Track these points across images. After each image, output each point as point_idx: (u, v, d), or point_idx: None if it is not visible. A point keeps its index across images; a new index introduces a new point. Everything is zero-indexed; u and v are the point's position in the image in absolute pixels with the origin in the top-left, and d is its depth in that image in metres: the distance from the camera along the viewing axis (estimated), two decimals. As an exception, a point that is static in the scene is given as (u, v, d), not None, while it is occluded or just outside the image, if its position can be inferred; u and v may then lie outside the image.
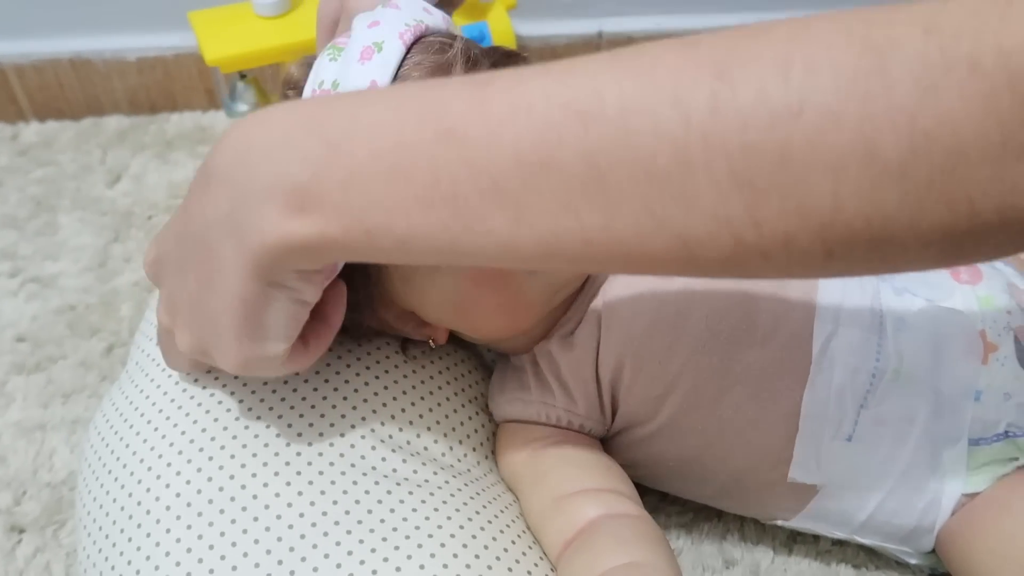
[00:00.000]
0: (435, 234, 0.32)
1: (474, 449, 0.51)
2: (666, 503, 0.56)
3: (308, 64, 0.48)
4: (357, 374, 0.49)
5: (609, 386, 0.48)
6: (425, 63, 0.44)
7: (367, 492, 0.43)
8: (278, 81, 0.90)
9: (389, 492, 0.44)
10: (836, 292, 0.48)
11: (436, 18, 0.47)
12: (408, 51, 0.44)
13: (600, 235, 0.30)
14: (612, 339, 0.48)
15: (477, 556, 0.42)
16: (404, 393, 0.49)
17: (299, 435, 0.45)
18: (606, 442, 0.52)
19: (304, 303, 0.38)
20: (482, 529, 0.43)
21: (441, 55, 0.44)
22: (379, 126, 0.32)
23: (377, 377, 0.49)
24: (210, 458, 0.44)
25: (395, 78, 0.43)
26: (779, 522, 0.52)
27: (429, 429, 0.49)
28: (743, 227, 0.28)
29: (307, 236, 0.33)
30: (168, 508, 0.43)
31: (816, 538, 0.55)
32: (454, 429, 0.50)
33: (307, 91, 0.46)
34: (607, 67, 0.30)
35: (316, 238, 0.33)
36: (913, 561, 0.52)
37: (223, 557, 0.41)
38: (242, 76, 0.80)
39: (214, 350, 0.38)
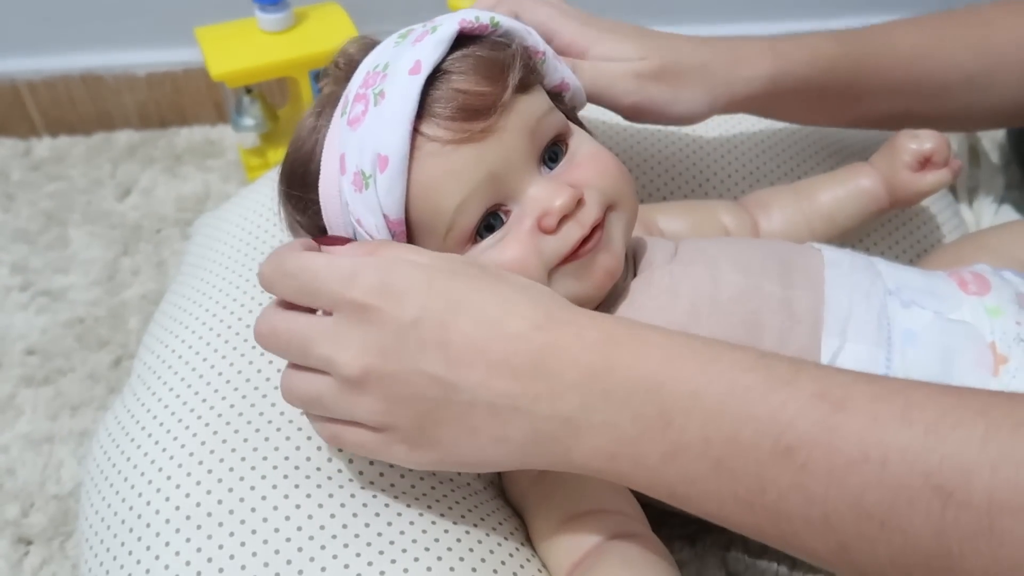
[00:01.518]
0: (743, 526, 0.33)
1: (474, 461, 0.51)
2: (668, 515, 0.55)
3: (368, 45, 0.47)
4: (355, 387, 0.49)
5: None
6: (474, 55, 0.43)
7: (365, 505, 0.44)
8: (284, 95, 0.91)
9: (387, 505, 0.44)
10: (843, 306, 0.47)
11: (533, 37, 0.46)
12: (463, 40, 0.43)
13: None
14: None
15: (474, 569, 0.42)
16: (403, 406, 0.49)
17: (297, 448, 0.46)
18: None
19: None
20: (479, 542, 0.43)
21: (496, 52, 0.44)
22: (717, 418, 0.32)
23: (376, 390, 0.49)
24: (209, 471, 0.45)
25: (442, 62, 0.42)
26: None
27: (428, 442, 0.49)
28: None
29: (602, 471, 0.35)
30: (168, 521, 0.43)
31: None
32: (453, 441, 0.50)
33: (359, 72, 0.45)
34: (980, 439, 0.28)
35: (609, 474, 0.35)
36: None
37: (221, 570, 0.41)
38: (248, 91, 0.81)
39: (391, 457, 0.39)
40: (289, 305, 0.40)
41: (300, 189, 0.47)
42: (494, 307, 0.36)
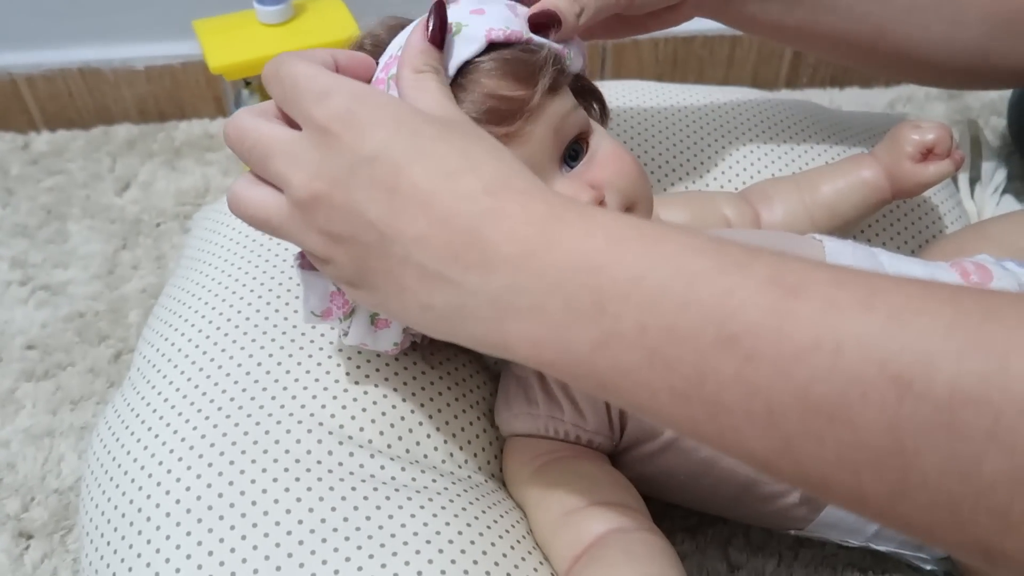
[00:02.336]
0: (677, 421, 0.30)
1: (475, 455, 0.50)
2: (671, 508, 0.56)
3: (396, 27, 0.46)
4: (356, 383, 0.49)
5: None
6: (505, 56, 0.42)
7: (365, 498, 0.44)
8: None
9: (387, 498, 0.44)
10: None
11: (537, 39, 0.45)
12: (491, 44, 0.42)
13: (882, 505, 0.27)
14: None
15: (475, 562, 0.42)
16: (404, 401, 0.49)
17: (298, 441, 0.46)
18: (614, 457, 0.51)
19: None
20: (480, 535, 0.43)
21: (528, 55, 0.43)
22: (657, 302, 0.29)
23: (376, 385, 0.49)
24: (209, 464, 0.44)
25: (466, 64, 0.41)
26: (791, 532, 0.52)
27: (429, 436, 0.49)
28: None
29: (527, 358, 0.33)
30: (168, 514, 0.43)
31: (822, 542, 0.54)
32: (454, 436, 0.50)
33: (386, 55, 0.44)
34: (945, 326, 0.25)
35: (535, 361, 0.32)
36: (928, 567, 0.51)
37: (222, 563, 0.41)
38: (247, 83, 0.81)
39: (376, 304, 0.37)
40: (270, 112, 0.39)
41: None
42: (454, 161, 0.33)
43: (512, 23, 0.43)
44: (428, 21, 0.40)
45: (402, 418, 0.49)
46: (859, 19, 0.55)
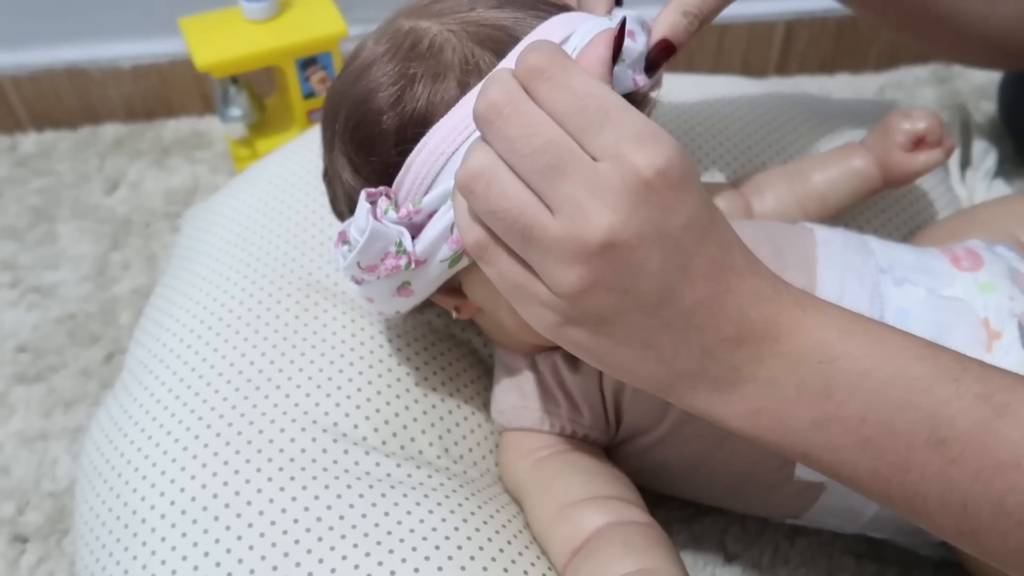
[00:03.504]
0: (870, 493, 0.35)
1: (470, 450, 0.50)
2: (666, 498, 0.56)
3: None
4: (350, 380, 0.49)
5: (613, 397, 0.48)
6: None
7: (361, 496, 0.43)
8: (271, 85, 0.90)
9: (384, 496, 0.44)
10: (835, 284, 0.47)
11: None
12: None
13: None
14: None
15: (472, 557, 0.42)
16: (398, 397, 0.49)
17: (292, 440, 0.45)
18: (610, 451, 0.51)
19: None
20: (477, 531, 0.43)
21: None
22: (880, 399, 0.33)
23: (370, 382, 0.49)
24: (204, 465, 0.44)
25: None
26: (787, 521, 0.52)
27: (423, 432, 0.49)
28: None
29: (737, 423, 0.35)
30: (163, 516, 0.43)
31: (819, 530, 0.54)
32: (449, 431, 0.50)
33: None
34: None
35: (745, 426, 0.35)
36: (923, 552, 0.51)
37: (218, 564, 0.41)
38: (234, 80, 0.80)
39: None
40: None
41: (382, 143, 0.43)
42: (728, 239, 0.35)
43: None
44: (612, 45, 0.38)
45: (396, 414, 0.49)
46: None
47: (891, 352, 0.34)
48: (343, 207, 0.48)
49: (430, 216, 0.42)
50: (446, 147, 0.40)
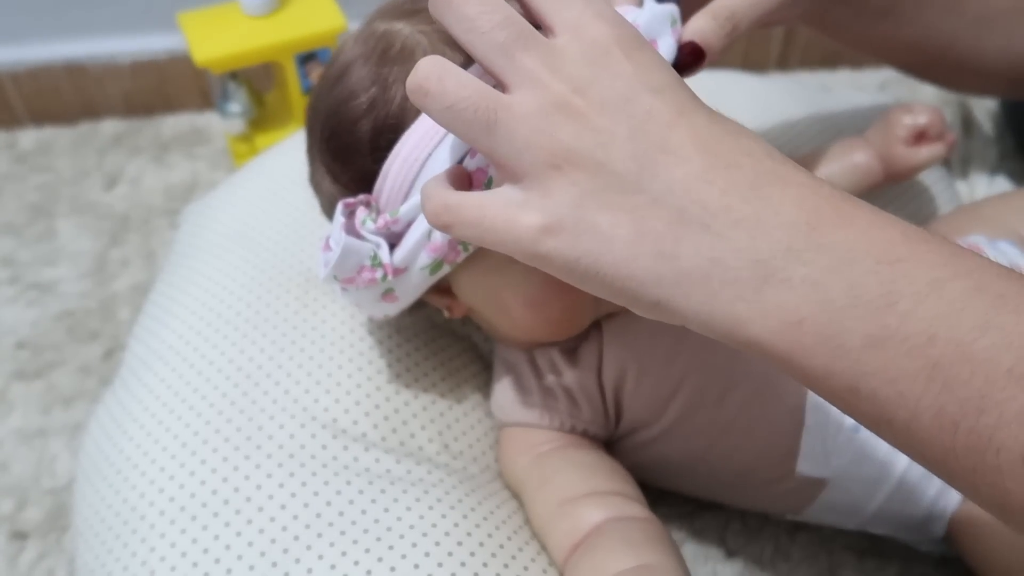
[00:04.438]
0: (923, 449, 0.27)
1: (470, 446, 0.50)
2: (666, 494, 0.55)
3: None
4: (349, 376, 0.49)
5: (613, 392, 0.48)
6: None
7: (361, 492, 0.43)
8: (270, 80, 0.89)
9: (383, 491, 0.44)
10: None
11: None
12: None
13: None
14: (614, 348, 0.47)
15: (472, 553, 0.42)
16: (397, 393, 0.49)
17: (291, 436, 0.45)
18: (610, 446, 0.51)
19: None
20: (477, 527, 0.43)
21: None
22: (955, 315, 0.26)
23: (369, 378, 0.49)
24: (203, 461, 0.44)
25: None
26: (788, 517, 0.52)
27: (423, 428, 0.49)
28: None
29: (767, 339, 0.28)
30: (162, 513, 0.43)
31: (819, 526, 0.54)
32: (448, 427, 0.50)
33: None
34: None
35: (778, 344, 0.28)
36: (924, 549, 0.51)
37: (217, 560, 0.41)
38: (233, 76, 0.80)
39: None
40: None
41: (357, 152, 0.42)
42: (733, 125, 0.31)
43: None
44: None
45: (396, 410, 0.48)
46: (934, 31, 0.56)
47: (969, 265, 0.27)
48: (329, 214, 0.47)
49: (409, 225, 0.41)
50: (419, 152, 0.40)
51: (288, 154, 0.63)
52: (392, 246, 0.42)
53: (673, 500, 0.56)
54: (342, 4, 0.81)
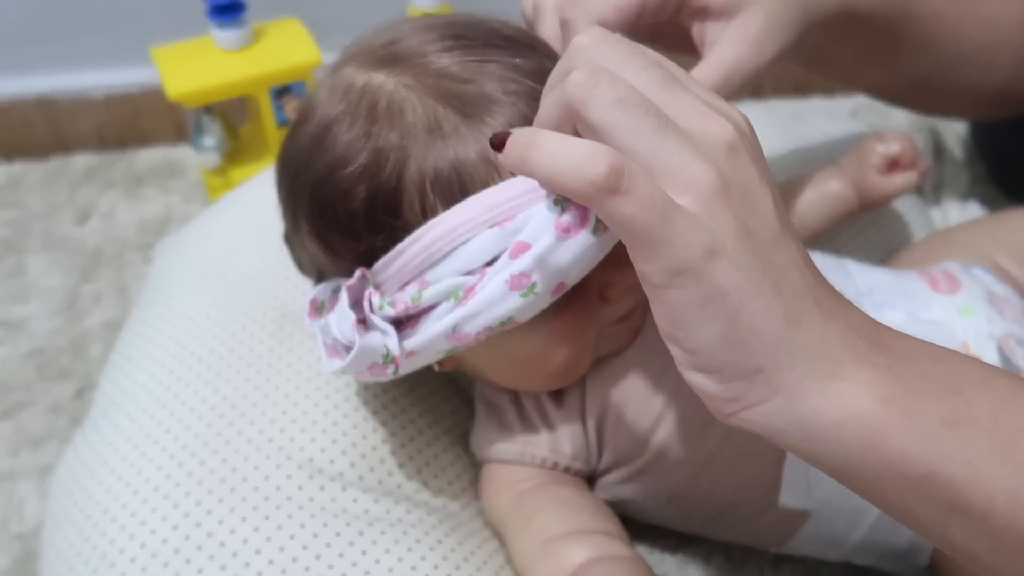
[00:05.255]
0: (1005, 523, 0.28)
1: (449, 483, 0.49)
2: (649, 527, 0.55)
3: None
4: (325, 414, 0.48)
5: (595, 427, 0.47)
6: None
7: (338, 535, 0.42)
8: (244, 113, 0.89)
9: (361, 533, 0.43)
10: None
11: None
12: None
13: None
14: (596, 384, 0.47)
15: (452, 596, 0.41)
16: (374, 430, 0.48)
17: (266, 478, 0.44)
18: (592, 482, 0.50)
19: None
20: (458, 568, 0.42)
21: None
22: (1010, 401, 0.29)
23: (346, 416, 0.48)
24: (175, 505, 0.43)
25: None
26: (771, 549, 0.51)
27: (401, 466, 0.48)
28: None
29: (857, 415, 0.29)
30: (133, 560, 0.42)
31: (803, 558, 0.54)
32: (427, 464, 0.49)
33: None
34: None
35: (867, 420, 0.29)
36: (908, 578, 0.51)
37: (190, 609, 0.40)
38: (207, 110, 0.79)
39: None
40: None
41: (352, 222, 0.40)
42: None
43: None
44: None
45: (373, 448, 0.48)
46: (911, 70, 0.58)
47: (1000, 370, 0.31)
48: (310, 273, 0.46)
49: (429, 308, 0.39)
50: (446, 244, 0.38)
51: (263, 188, 0.63)
52: (397, 323, 0.40)
53: (656, 533, 0.55)
54: (317, 37, 0.81)
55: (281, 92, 0.79)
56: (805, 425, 0.30)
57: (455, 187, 0.38)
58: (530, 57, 0.41)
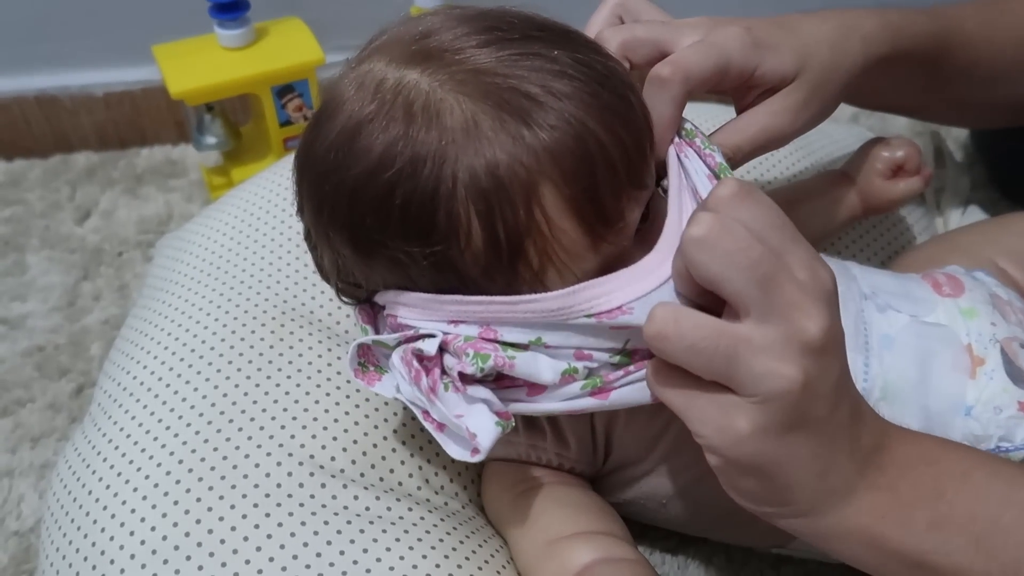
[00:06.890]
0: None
1: (451, 480, 0.49)
2: (651, 528, 0.55)
3: None
4: (326, 410, 0.48)
5: (604, 431, 0.47)
6: None
7: (339, 532, 0.42)
8: (246, 112, 0.89)
9: (362, 531, 0.43)
10: None
11: None
12: None
13: None
14: None
15: (453, 595, 0.41)
16: (376, 427, 0.48)
17: (267, 475, 0.44)
18: (595, 481, 0.50)
19: None
20: (459, 567, 0.42)
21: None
22: (984, 498, 0.36)
23: (347, 412, 0.48)
24: (175, 502, 0.43)
25: None
26: (773, 550, 0.51)
27: (403, 463, 0.48)
28: None
29: (860, 528, 0.36)
30: (133, 557, 0.42)
31: (803, 559, 0.54)
32: (429, 461, 0.49)
33: None
34: None
35: (869, 530, 0.36)
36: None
37: (190, 606, 0.40)
38: (209, 108, 0.79)
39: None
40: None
41: (409, 242, 0.38)
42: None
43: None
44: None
45: (375, 445, 0.47)
46: (947, 94, 0.59)
47: (980, 457, 0.38)
48: (333, 280, 0.44)
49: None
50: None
51: (264, 186, 0.63)
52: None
53: (657, 534, 0.55)
54: (319, 36, 0.81)
55: (283, 91, 0.79)
56: (820, 534, 0.37)
57: (492, 193, 0.36)
58: (568, 47, 0.39)
